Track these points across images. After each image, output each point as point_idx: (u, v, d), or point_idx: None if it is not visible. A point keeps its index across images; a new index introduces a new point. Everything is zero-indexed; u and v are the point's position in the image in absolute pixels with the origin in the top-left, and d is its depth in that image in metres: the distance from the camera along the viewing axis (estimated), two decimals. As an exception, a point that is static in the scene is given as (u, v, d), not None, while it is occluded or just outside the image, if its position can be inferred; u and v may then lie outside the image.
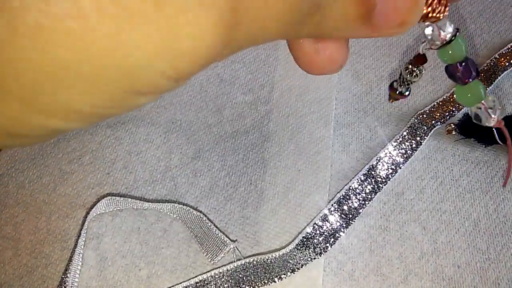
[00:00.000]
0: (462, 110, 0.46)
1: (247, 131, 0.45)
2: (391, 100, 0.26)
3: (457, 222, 0.40)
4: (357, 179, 0.42)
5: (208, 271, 0.38)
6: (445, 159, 0.43)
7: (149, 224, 0.40)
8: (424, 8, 0.18)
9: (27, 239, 0.40)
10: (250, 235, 0.40)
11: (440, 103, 0.46)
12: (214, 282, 0.37)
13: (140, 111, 0.46)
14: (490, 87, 0.47)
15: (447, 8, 0.18)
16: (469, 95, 0.21)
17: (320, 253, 0.38)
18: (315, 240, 0.39)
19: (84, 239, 0.39)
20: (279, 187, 0.42)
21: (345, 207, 0.40)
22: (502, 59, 0.49)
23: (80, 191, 0.42)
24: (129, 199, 0.40)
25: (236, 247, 0.39)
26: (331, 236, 0.39)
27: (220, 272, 0.37)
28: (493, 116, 0.22)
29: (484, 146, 0.44)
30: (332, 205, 0.40)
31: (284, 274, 0.37)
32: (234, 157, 0.44)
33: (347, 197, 0.41)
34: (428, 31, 0.20)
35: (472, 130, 0.44)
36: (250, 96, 0.48)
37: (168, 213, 0.40)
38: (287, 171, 0.43)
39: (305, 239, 0.39)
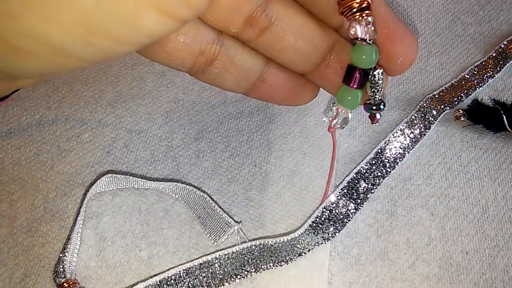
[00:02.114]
0: (471, 96, 0.45)
1: (252, 113, 0.44)
2: (375, 121, 0.27)
3: (465, 208, 0.40)
4: (365, 163, 0.41)
5: (213, 252, 0.36)
6: (453, 145, 0.43)
7: (150, 204, 0.39)
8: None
9: (23, 217, 0.38)
10: (254, 217, 0.39)
11: (449, 88, 0.46)
12: (219, 264, 0.36)
13: (141, 90, 0.45)
14: (499, 74, 0.46)
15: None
16: (349, 98, 0.25)
17: (328, 239, 0.37)
18: (324, 226, 0.38)
19: (83, 217, 0.37)
20: (284, 169, 0.41)
21: (354, 192, 0.39)
22: (511, 46, 0.48)
23: (79, 169, 0.41)
24: (131, 177, 0.39)
25: (240, 228, 0.37)
26: (340, 221, 0.38)
27: (225, 254, 0.36)
28: (334, 121, 0.27)
29: (492, 132, 0.43)
30: (341, 189, 0.39)
31: (291, 259, 0.36)
32: (238, 138, 0.43)
33: (355, 181, 0.40)
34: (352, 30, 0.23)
35: (480, 117, 0.43)
36: (255, 77, 0.46)
37: (170, 193, 0.39)
38: (292, 153, 0.42)
39: (314, 224, 0.38)
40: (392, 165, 0.41)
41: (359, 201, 0.39)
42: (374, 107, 0.25)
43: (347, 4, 0.21)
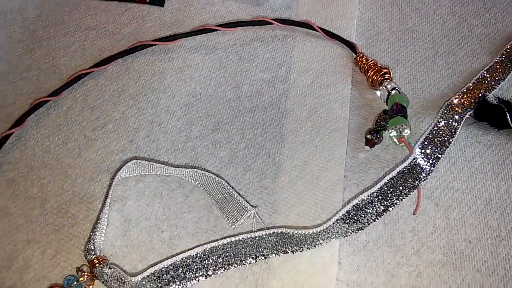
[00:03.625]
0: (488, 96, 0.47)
1: (265, 107, 0.46)
2: (370, 147, 0.44)
3: (469, 200, 0.41)
4: (396, 173, 0.41)
5: (237, 234, 0.39)
6: (458, 140, 0.44)
7: (171, 189, 0.41)
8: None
9: (53, 200, 0.41)
10: (268, 203, 0.41)
11: (466, 91, 0.47)
12: (242, 246, 0.38)
13: (161, 84, 0.48)
14: (509, 75, 0.48)
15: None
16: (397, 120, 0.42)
17: (345, 235, 0.39)
18: (350, 220, 0.39)
19: (109, 200, 0.40)
20: (296, 160, 0.43)
21: (385, 195, 0.40)
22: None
23: (104, 156, 0.43)
24: (154, 163, 0.41)
25: (256, 212, 0.40)
26: (366, 222, 0.39)
27: (249, 237, 0.38)
28: (397, 135, 0.42)
29: (496, 129, 0.45)
30: (372, 192, 0.40)
31: (308, 248, 0.38)
32: (253, 130, 0.45)
33: (386, 187, 0.41)
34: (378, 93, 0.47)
35: (485, 114, 0.45)
36: (268, 74, 0.49)
37: (190, 180, 0.42)
38: (304, 146, 0.44)
39: (341, 219, 0.39)
40: (425, 176, 0.42)
41: (387, 204, 0.40)
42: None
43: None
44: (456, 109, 0.45)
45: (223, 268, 0.37)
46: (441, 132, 0.44)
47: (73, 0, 0.54)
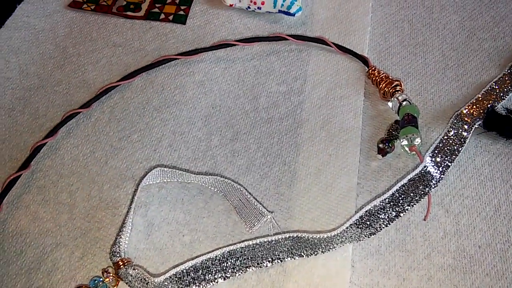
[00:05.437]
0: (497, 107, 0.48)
1: (281, 118, 0.49)
2: (382, 155, 0.45)
3: (478, 207, 0.43)
4: (407, 180, 0.43)
5: (254, 238, 0.40)
6: (468, 149, 0.46)
7: (191, 196, 0.44)
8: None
9: (81, 205, 0.43)
10: (284, 209, 0.43)
11: (475, 102, 0.48)
12: (259, 249, 0.39)
13: (183, 97, 0.50)
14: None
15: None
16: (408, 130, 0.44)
17: (358, 240, 0.40)
18: (363, 226, 0.41)
19: (134, 206, 0.42)
20: (311, 168, 0.45)
21: (397, 202, 0.42)
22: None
23: (130, 165, 0.46)
24: (176, 170, 0.44)
25: (273, 217, 0.42)
26: (378, 227, 0.41)
27: (265, 241, 0.40)
28: (408, 144, 0.44)
29: (505, 139, 0.46)
30: (385, 198, 0.42)
31: (323, 252, 0.40)
32: (269, 140, 0.47)
33: (398, 193, 0.42)
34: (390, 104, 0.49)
35: (494, 124, 0.46)
36: (284, 87, 0.51)
37: (210, 186, 0.44)
38: (318, 155, 0.46)
39: (355, 224, 0.40)
40: (435, 183, 0.43)
41: (398, 210, 0.41)
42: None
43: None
44: (466, 119, 0.47)
45: (241, 271, 0.39)
46: (451, 141, 0.46)
47: (101, 19, 0.57)
